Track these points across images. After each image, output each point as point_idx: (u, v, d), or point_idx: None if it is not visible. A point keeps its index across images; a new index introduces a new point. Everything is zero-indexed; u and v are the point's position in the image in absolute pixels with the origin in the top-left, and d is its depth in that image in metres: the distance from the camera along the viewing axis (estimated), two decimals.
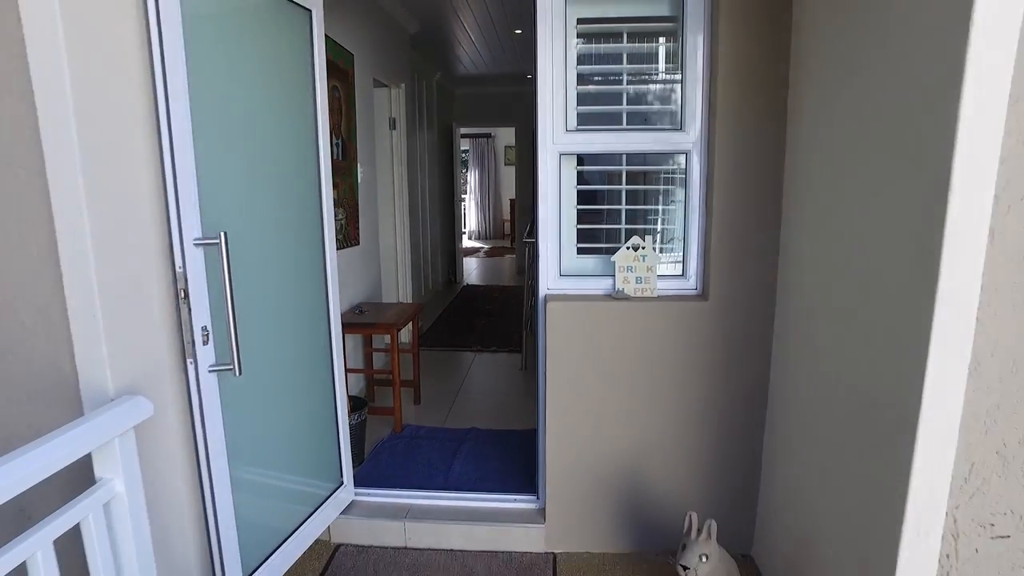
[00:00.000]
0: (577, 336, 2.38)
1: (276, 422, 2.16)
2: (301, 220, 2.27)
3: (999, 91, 1.25)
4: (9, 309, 1.56)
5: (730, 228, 2.28)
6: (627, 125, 2.37)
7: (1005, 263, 1.34)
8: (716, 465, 2.43)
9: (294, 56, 2.20)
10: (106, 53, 1.54)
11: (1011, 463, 1.44)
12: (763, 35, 2.14)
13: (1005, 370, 1.40)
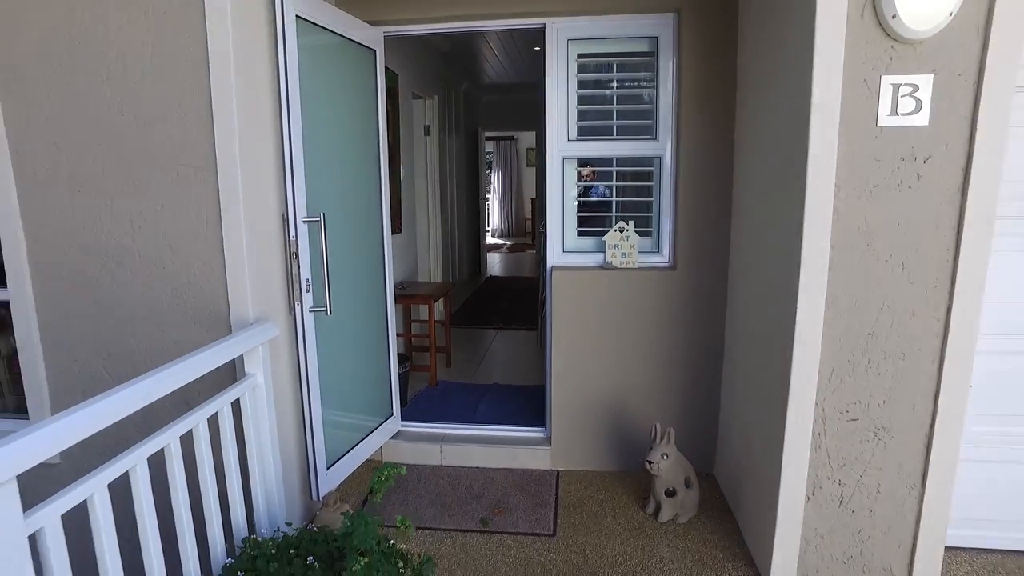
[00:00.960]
0: (575, 298, 3.13)
1: (349, 357, 2.94)
2: (368, 209, 3.05)
3: (833, 121, 1.97)
4: (185, 264, 2.36)
5: (693, 215, 3.01)
6: (616, 135, 3.11)
7: (843, 238, 2.07)
8: (684, 400, 3.15)
9: (363, 83, 2.99)
10: (253, 91, 2.33)
11: (857, 368, 2.16)
12: (715, 69, 2.87)
13: (850, 304, 2.12)
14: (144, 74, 2.26)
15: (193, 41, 2.21)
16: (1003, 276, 2.26)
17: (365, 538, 1.76)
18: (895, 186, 2.04)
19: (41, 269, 2.47)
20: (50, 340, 2.52)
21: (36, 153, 2.37)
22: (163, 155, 2.30)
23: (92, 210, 2.38)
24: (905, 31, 1.89)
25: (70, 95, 2.30)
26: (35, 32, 2.28)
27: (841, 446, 2.23)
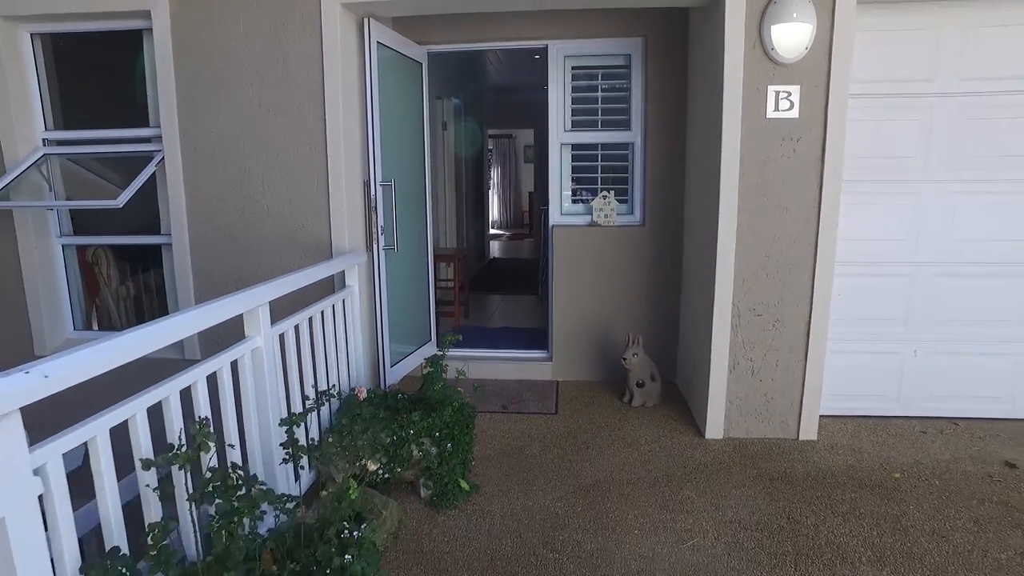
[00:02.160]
0: (570, 248, 4.26)
1: (403, 288, 4.05)
2: (416, 181, 4.18)
3: (737, 115, 3.11)
4: (300, 213, 3.47)
5: (657, 185, 4.15)
6: (600, 127, 4.24)
7: (747, 192, 3.20)
8: (653, 324, 4.28)
9: (413, 88, 4.11)
10: (348, 93, 3.44)
11: (759, 279, 3.29)
12: (672, 79, 4.01)
13: (753, 237, 3.26)
14: (277, 82, 3.38)
15: (312, 60, 3.33)
16: (854, 221, 3.41)
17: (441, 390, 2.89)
18: (779, 157, 3.18)
19: (195, 219, 3.59)
20: (198, 270, 3.64)
21: (198, 136, 3.49)
22: (287, 137, 3.43)
23: (234, 176, 3.50)
24: (779, 58, 3.03)
25: (225, 96, 3.42)
26: (206, 57, 3.39)
27: (751, 334, 3.37)
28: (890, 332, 3.60)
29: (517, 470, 3.15)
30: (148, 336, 1.67)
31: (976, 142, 3.36)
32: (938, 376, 3.63)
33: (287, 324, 2.58)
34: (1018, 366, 3.57)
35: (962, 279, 3.51)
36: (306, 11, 3.30)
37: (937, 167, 3.40)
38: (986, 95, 3.30)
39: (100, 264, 4.27)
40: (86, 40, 3.81)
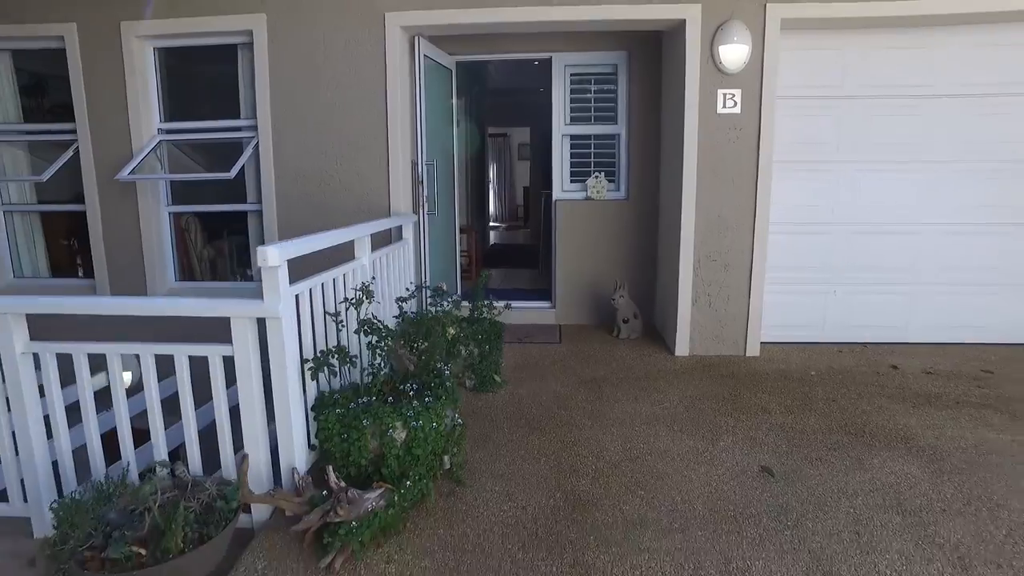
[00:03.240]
0: (570, 218, 5.42)
1: (440, 244, 5.18)
2: (447, 163, 5.31)
3: (695, 111, 4.29)
4: (366, 184, 4.60)
5: (638, 167, 5.32)
6: (593, 121, 5.41)
7: (703, 170, 4.38)
8: (635, 278, 5.44)
9: (445, 89, 5.26)
10: (402, 94, 4.58)
11: (713, 234, 4.47)
12: (650, 83, 5.20)
13: (708, 203, 4.44)
14: (349, 84, 4.51)
15: (377, 68, 4.47)
16: (782, 192, 4.59)
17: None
18: (727, 143, 4.36)
19: (281, 191, 4.70)
20: (283, 228, 4.73)
21: (285, 125, 4.61)
22: (356, 126, 4.56)
23: (314, 157, 4.62)
24: (725, 69, 4.22)
25: (308, 95, 4.55)
26: (293, 64, 4.52)
27: (708, 275, 4.54)
28: (816, 277, 4.80)
29: (534, 373, 4.30)
30: (340, 235, 2.83)
31: (872, 133, 4.58)
32: (852, 310, 4.83)
33: (377, 254, 3.70)
34: (909, 302, 4.78)
35: (867, 236, 4.72)
36: (374, 31, 4.43)
37: (845, 151, 4.61)
38: (878, 98, 4.53)
39: (190, 230, 5.36)
40: (190, 51, 4.90)
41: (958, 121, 4.55)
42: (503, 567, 2.25)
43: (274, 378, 2.46)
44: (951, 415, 3.52)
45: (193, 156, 5.12)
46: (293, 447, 2.53)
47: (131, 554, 2.10)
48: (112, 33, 4.60)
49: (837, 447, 3.15)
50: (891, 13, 4.15)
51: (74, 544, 2.14)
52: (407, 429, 2.56)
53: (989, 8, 4.13)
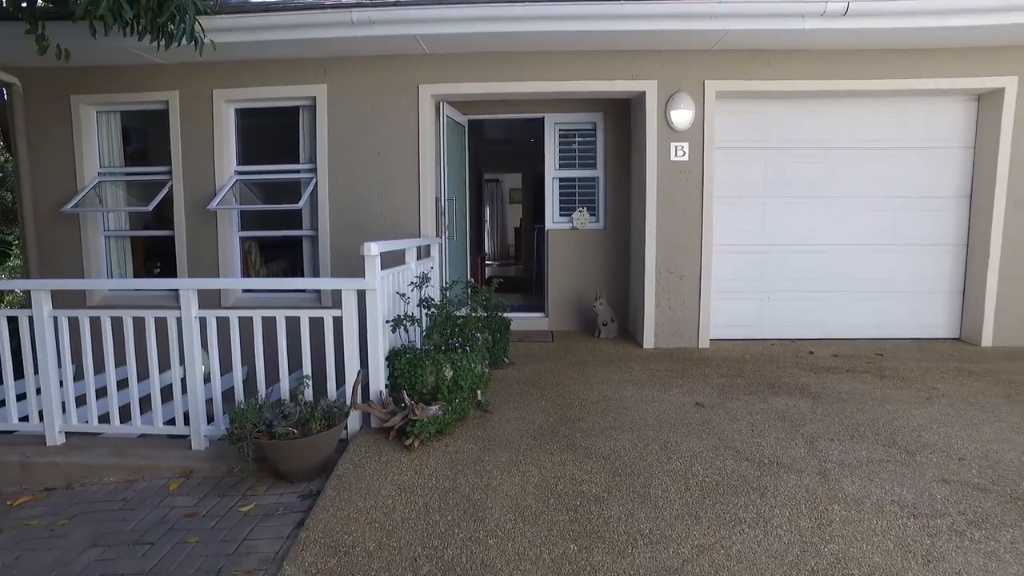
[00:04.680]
0: (558, 244, 6.79)
1: (456, 263, 6.50)
2: (461, 200, 6.69)
3: (655, 159, 5.72)
4: (402, 215, 5.95)
5: (614, 203, 6.73)
6: (577, 167, 6.84)
7: (661, 204, 5.79)
8: (612, 290, 6.78)
9: (460, 142, 6.67)
10: (430, 145, 5.97)
11: (671, 253, 5.86)
12: (621, 137, 6.65)
13: (667, 228, 5.83)
14: (389, 137, 5.90)
15: (411, 125, 5.87)
16: (722, 220, 5.99)
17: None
18: (679, 183, 5.77)
19: (334, 220, 6.02)
20: (335, 250, 6.04)
21: (339, 169, 5.97)
22: (394, 170, 5.93)
23: (360, 193, 5.97)
24: (676, 128, 5.67)
25: (357, 145, 5.93)
26: (346, 122, 5.91)
27: (667, 285, 5.88)
28: (753, 287, 6.17)
29: (533, 359, 5.58)
30: (401, 243, 4.13)
31: (790, 175, 6.03)
32: (782, 313, 6.19)
33: (414, 265, 5.02)
34: (825, 306, 6.16)
35: (791, 254, 6.12)
36: (409, 99, 5.84)
37: (770, 189, 6.05)
38: (794, 149, 5.99)
39: (251, 252, 6.66)
40: (261, 110, 6.28)
41: (852, 167, 6.02)
42: (520, 448, 3.52)
43: (369, 330, 3.74)
44: (839, 377, 4.85)
45: (257, 193, 6.45)
46: (380, 379, 3.80)
47: (288, 432, 3.35)
48: (206, 98, 5.98)
49: (751, 392, 4.46)
50: (795, 89, 5.65)
51: (250, 428, 3.38)
52: (454, 369, 3.84)
53: (868, 88, 5.63)
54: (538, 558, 2.61)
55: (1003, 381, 4.68)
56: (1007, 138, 5.61)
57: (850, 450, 3.47)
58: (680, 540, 2.70)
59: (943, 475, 3.18)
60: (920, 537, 2.68)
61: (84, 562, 2.92)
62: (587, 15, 5.01)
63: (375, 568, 2.58)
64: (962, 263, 6.10)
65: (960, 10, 4.86)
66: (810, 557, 2.57)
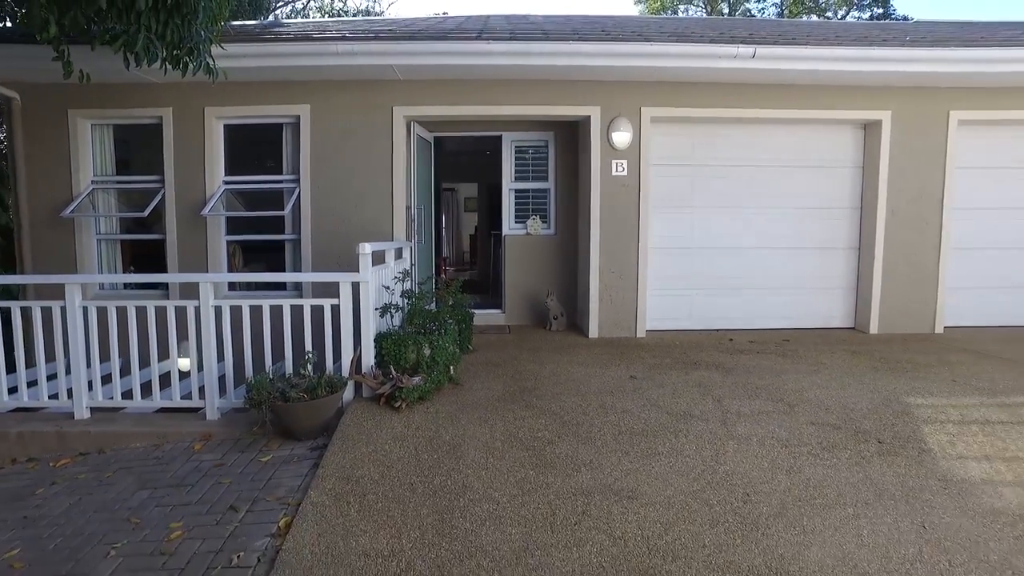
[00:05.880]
0: (514, 248, 7.69)
1: (424, 263, 7.32)
2: (428, 209, 7.52)
3: (599, 175, 6.68)
4: (377, 221, 6.74)
5: (563, 211, 7.67)
6: (531, 179, 7.75)
7: (604, 213, 6.75)
8: (562, 288, 7.70)
9: (428, 157, 7.50)
10: (401, 159, 6.78)
11: (613, 255, 6.82)
12: (570, 154, 7.60)
13: (609, 234, 6.79)
14: (366, 153, 6.70)
15: (385, 143, 6.68)
16: (656, 227, 7.00)
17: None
18: (619, 195, 6.74)
19: (316, 226, 6.77)
20: (315, 252, 6.78)
21: (320, 180, 6.73)
22: (370, 182, 6.72)
23: (340, 202, 6.74)
24: (617, 147, 6.64)
25: (337, 160, 6.70)
26: (327, 138, 6.68)
27: (609, 283, 6.84)
28: (683, 284, 7.19)
29: (493, 347, 6.45)
30: (384, 245, 4.94)
31: (714, 188, 7.08)
32: (708, 307, 7.22)
33: (393, 264, 5.82)
34: (745, 301, 7.22)
35: (715, 256, 7.17)
36: (384, 119, 6.65)
37: (697, 200, 7.09)
38: (717, 166, 7.05)
39: (235, 255, 7.33)
40: (247, 127, 6.98)
41: (765, 182, 7.12)
42: (487, 408, 4.39)
43: (362, 316, 4.54)
44: (749, 357, 5.87)
45: (243, 201, 7.13)
46: (370, 356, 4.60)
47: (300, 396, 4.13)
48: (198, 115, 6.66)
49: (676, 368, 5.43)
50: (717, 115, 6.71)
51: (266, 396, 4.14)
52: (431, 348, 4.67)
53: (776, 116, 6.73)
54: (505, 481, 3.47)
55: (876, 358, 5.77)
56: (885, 160, 6.79)
57: (747, 405, 4.45)
58: (613, 467, 3.61)
59: (811, 419, 4.19)
60: (787, 459, 3.65)
61: (139, 499, 3.64)
62: (542, 52, 5.95)
63: (381, 490, 3.40)
64: (855, 263, 7.26)
65: (842, 58, 6.00)
66: (708, 474, 3.51)
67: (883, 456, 3.70)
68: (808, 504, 3.25)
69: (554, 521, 3.11)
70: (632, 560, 2.82)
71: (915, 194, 6.89)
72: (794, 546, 2.90)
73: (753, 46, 5.93)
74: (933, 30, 7.95)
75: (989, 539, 2.89)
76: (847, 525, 3.06)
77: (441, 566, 2.80)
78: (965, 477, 3.44)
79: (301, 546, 2.95)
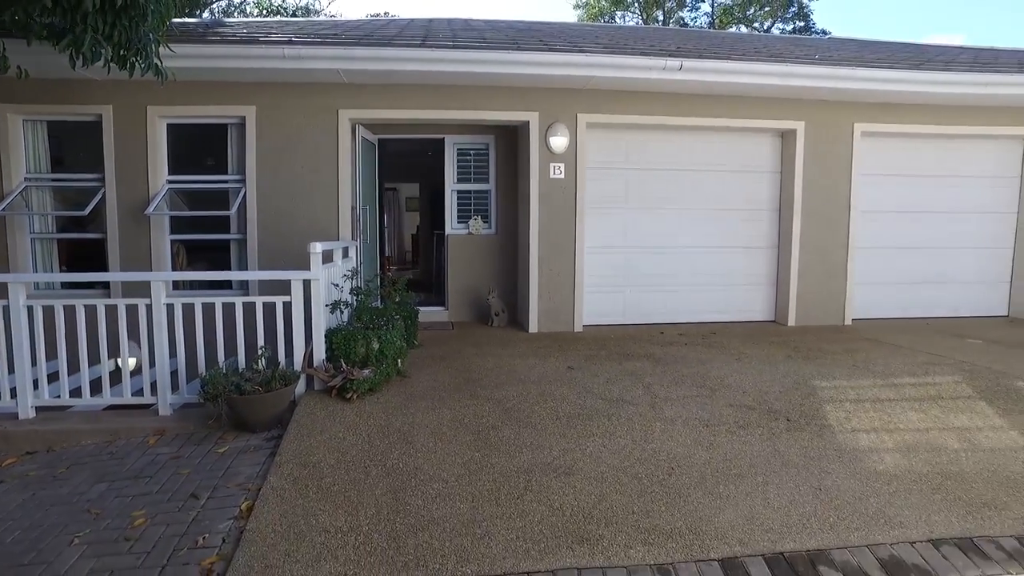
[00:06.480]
0: (457, 247, 7.97)
1: (369, 262, 7.51)
2: (373, 208, 7.71)
3: (537, 176, 7.03)
4: (321, 220, 6.90)
5: (504, 212, 8.00)
6: (472, 181, 8.04)
7: (543, 214, 7.11)
8: (504, 289, 8.02)
9: (372, 157, 7.69)
10: (348, 160, 6.96)
11: (552, 255, 7.19)
12: (510, 157, 7.93)
13: (547, 232, 7.15)
14: (312, 154, 6.85)
15: (331, 144, 6.85)
16: (592, 227, 7.41)
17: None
18: (557, 197, 7.11)
19: (263, 225, 6.88)
20: (261, 252, 6.89)
21: (266, 180, 6.84)
22: (316, 182, 6.88)
23: (286, 202, 6.87)
24: (554, 151, 7.01)
25: (283, 160, 6.83)
26: (273, 139, 6.80)
27: (548, 280, 7.20)
28: (617, 281, 7.62)
29: (438, 342, 6.71)
30: (332, 244, 5.13)
31: (646, 190, 7.54)
32: (640, 303, 7.68)
33: (340, 263, 6.01)
34: (674, 297, 7.71)
35: (647, 255, 7.63)
36: (330, 121, 6.82)
37: (631, 202, 7.54)
38: (648, 170, 7.52)
39: (179, 254, 7.34)
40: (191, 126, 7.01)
41: (693, 185, 7.63)
42: (434, 398, 4.66)
43: (313, 312, 4.74)
44: (678, 348, 6.34)
45: (187, 200, 7.15)
46: (321, 351, 4.80)
47: (255, 390, 4.30)
48: (140, 113, 6.66)
49: (611, 359, 5.82)
50: (649, 122, 7.17)
51: (221, 390, 4.29)
52: (380, 342, 4.91)
53: (702, 124, 7.25)
54: (453, 463, 3.76)
55: (791, 347, 6.33)
56: (800, 166, 7.41)
57: (674, 391, 4.87)
58: (551, 447, 3.95)
59: (730, 402, 4.64)
60: (707, 436, 4.08)
61: (97, 491, 3.76)
62: (483, 60, 6.25)
63: (337, 473, 3.63)
64: (775, 261, 7.86)
65: (759, 72, 6.55)
66: (638, 452, 3.89)
67: (790, 432, 4.17)
68: (724, 474, 3.66)
69: (499, 496, 3.43)
70: (570, 527, 3.16)
71: (826, 198, 7.53)
72: (711, 510, 3.31)
73: (680, 59, 6.40)
74: (842, 48, 8.67)
75: (869, 496, 3.38)
76: (756, 491, 3.49)
77: (397, 538, 3.07)
78: (856, 446, 3.95)
79: (264, 525, 3.16)
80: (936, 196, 8.07)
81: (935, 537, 3.08)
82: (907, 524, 3.16)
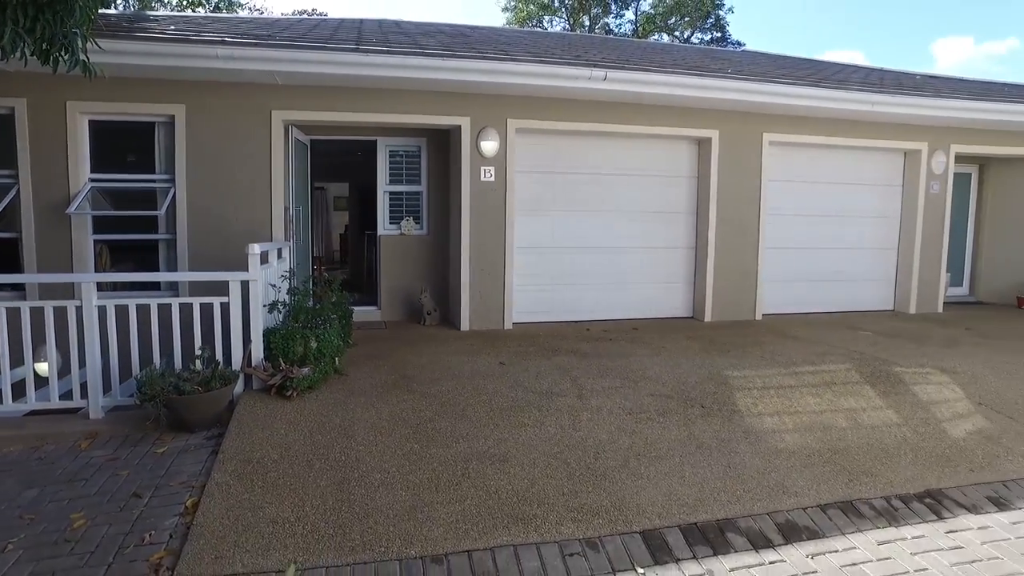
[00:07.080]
0: (389, 247, 8.10)
1: (302, 260, 7.54)
2: (305, 208, 7.73)
3: (468, 179, 7.26)
4: (255, 222, 6.89)
5: (435, 213, 8.18)
6: (404, 183, 8.18)
7: (474, 216, 7.34)
8: (435, 286, 8.20)
9: (304, 158, 7.72)
10: (280, 160, 6.98)
11: (483, 253, 7.44)
12: (442, 161, 8.11)
13: (478, 231, 7.39)
14: (244, 154, 6.83)
15: (264, 145, 6.86)
16: (522, 229, 7.70)
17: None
18: (487, 199, 7.36)
19: (193, 226, 6.80)
20: (192, 254, 6.81)
21: (197, 180, 6.76)
22: (248, 182, 6.86)
23: (218, 202, 6.82)
24: (485, 155, 7.26)
25: (215, 160, 6.78)
26: (204, 138, 6.73)
27: (478, 280, 7.44)
28: (546, 281, 7.94)
29: (372, 341, 6.84)
30: (268, 246, 5.19)
31: (573, 193, 7.90)
32: (568, 301, 8.04)
33: (276, 264, 6.05)
34: (599, 295, 8.11)
35: (573, 255, 7.99)
36: (263, 121, 6.81)
37: (558, 204, 7.87)
38: (575, 174, 7.87)
39: (102, 255, 7.15)
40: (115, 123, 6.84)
41: (616, 189, 8.04)
42: (372, 394, 4.83)
43: (252, 312, 4.80)
44: (603, 343, 6.71)
45: (111, 199, 6.97)
46: (259, 350, 4.87)
47: (194, 390, 4.34)
48: (59, 108, 6.46)
49: (540, 355, 6.12)
50: (575, 129, 7.52)
51: (159, 390, 4.31)
52: (318, 341, 5.02)
53: (625, 131, 7.66)
54: (393, 454, 3.95)
55: (707, 341, 6.82)
56: (715, 172, 7.95)
57: (599, 383, 5.21)
58: (486, 437, 4.19)
59: (651, 392, 5.02)
60: (630, 424, 4.42)
61: (28, 498, 3.73)
62: (415, 66, 6.43)
63: (281, 468, 3.76)
64: (693, 261, 8.38)
65: (676, 84, 7.02)
66: (566, 439, 4.19)
67: (704, 418, 4.57)
68: (645, 457, 4.01)
69: (438, 483, 3.65)
70: (505, 508, 3.42)
71: (739, 202, 8.10)
72: (633, 489, 3.64)
73: (604, 69, 6.78)
74: (753, 62, 9.32)
75: (771, 471, 3.81)
76: (674, 471, 3.85)
77: (342, 526, 3.24)
78: (761, 428, 4.39)
79: (212, 519, 3.27)
80: (834, 201, 8.81)
81: (823, 502, 3.53)
82: (801, 493, 3.60)
